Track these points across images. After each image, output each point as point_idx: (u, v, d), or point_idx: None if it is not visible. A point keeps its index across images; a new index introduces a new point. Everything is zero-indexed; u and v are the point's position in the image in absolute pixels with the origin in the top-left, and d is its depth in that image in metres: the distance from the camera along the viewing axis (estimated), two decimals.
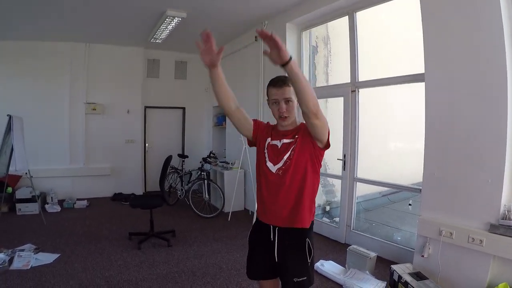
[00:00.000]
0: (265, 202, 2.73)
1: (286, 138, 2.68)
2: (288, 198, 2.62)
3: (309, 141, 2.59)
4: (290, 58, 2.14)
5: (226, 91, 2.60)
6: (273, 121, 2.86)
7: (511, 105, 3.82)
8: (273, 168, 2.67)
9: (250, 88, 8.57)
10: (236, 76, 9.42)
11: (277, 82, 2.62)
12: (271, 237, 2.69)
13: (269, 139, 2.76)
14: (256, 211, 2.92)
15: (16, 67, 9.08)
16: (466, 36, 4.16)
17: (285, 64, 2.15)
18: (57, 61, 9.42)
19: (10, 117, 7.04)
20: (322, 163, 2.71)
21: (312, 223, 2.76)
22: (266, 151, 2.74)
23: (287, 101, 2.59)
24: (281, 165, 2.63)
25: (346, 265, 5.17)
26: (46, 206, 8.51)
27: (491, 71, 3.93)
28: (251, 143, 2.91)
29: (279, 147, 2.69)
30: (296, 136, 2.63)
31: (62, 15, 7.35)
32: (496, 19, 3.83)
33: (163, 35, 8.75)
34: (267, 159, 2.71)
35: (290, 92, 2.55)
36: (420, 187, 4.88)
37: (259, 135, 2.82)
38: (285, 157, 2.62)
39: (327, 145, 2.62)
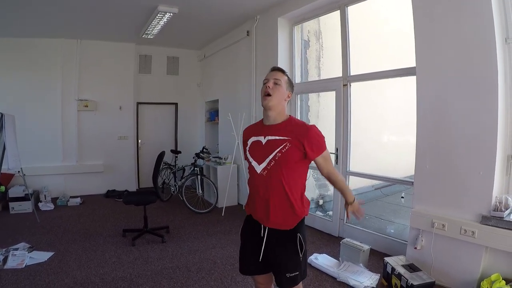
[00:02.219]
0: (254, 202, 2.75)
1: (272, 135, 2.62)
2: (275, 201, 2.60)
3: (298, 150, 2.56)
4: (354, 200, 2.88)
5: None
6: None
7: (501, 98, 3.86)
8: (257, 167, 2.64)
9: (243, 82, 8.60)
10: (229, 70, 9.48)
11: (274, 68, 2.76)
12: (261, 233, 2.70)
13: (251, 139, 2.76)
14: (246, 206, 2.92)
15: (7, 65, 9.03)
16: (457, 29, 4.18)
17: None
18: (48, 58, 9.37)
19: (1, 115, 6.99)
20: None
21: (304, 217, 2.77)
22: (248, 151, 2.75)
23: (275, 82, 2.64)
24: (265, 164, 2.60)
25: (340, 258, 5.20)
26: (40, 204, 8.48)
27: (482, 64, 3.96)
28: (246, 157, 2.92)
29: (263, 143, 2.65)
30: (287, 139, 2.56)
31: (53, 11, 7.30)
32: (486, 12, 3.85)
33: (155, 31, 8.73)
34: (250, 158, 2.72)
35: (282, 77, 2.64)
36: (413, 180, 4.90)
37: (245, 140, 2.86)
38: (270, 157, 2.58)
39: None
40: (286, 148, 2.54)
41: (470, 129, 4.11)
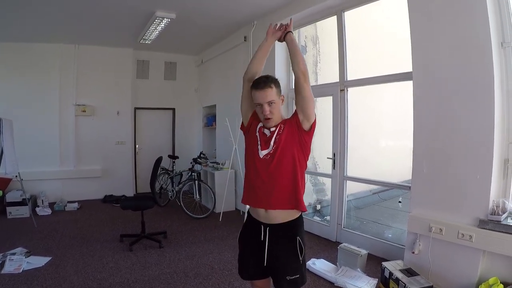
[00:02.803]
0: (253, 187, 2.76)
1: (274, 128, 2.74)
2: (276, 180, 2.66)
3: (294, 124, 2.68)
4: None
5: (263, 61, 2.96)
6: None
7: (498, 102, 3.88)
8: (261, 153, 2.71)
9: (240, 87, 8.51)
10: (226, 75, 9.49)
11: (259, 84, 2.69)
12: (262, 237, 2.70)
13: (261, 124, 2.81)
14: (243, 199, 2.91)
15: (5, 69, 9.04)
16: (453, 34, 4.21)
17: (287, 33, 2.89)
18: (46, 63, 9.38)
19: None
20: (311, 159, 2.75)
21: (303, 221, 2.80)
22: (258, 134, 2.79)
23: (270, 103, 2.64)
24: (268, 150, 2.68)
25: (338, 263, 5.20)
26: (37, 209, 8.47)
27: (478, 68, 3.98)
28: (243, 127, 2.97)
29: (267, 135, 2.73)
30: (280, 124, 2.73)
31: (51, 16, 7.32)
32: (482, 17, 3.88)
33: (153, 36, 8.74)
34: (258, 142, 2.75)
35: (272, 94, 2.64)
36: (410, 185, 4.91)
37: (255, 120, 2.87)
38: (272, 142, 2.68)
39: (313, 127, 2.70)
40: (282, 129, 2.70)
41: (467, 133, 4.12)
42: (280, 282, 2.68)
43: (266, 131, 2.76)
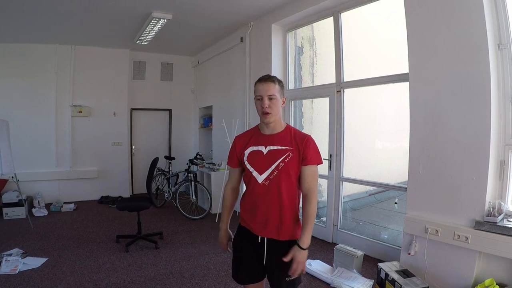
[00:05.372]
0: (253, 213, 2.69)
1: (274, 145, 2.61)
2: (275, 210, 2.59)
3: (298, 159, 2.57)
4: (308, 247, 2.53)
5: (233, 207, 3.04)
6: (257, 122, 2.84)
7: (494, 103, 3.89)
8: (259, 177, 2.61)
9: (237, 87, 8.61)
10: (223, 76, 9.48)
11: (262, 78, 2.63)
12: (259, 239, 2.66)
13: (250, 148, 2.70)
14: (240, 219, 2.87)
15: (1, 70, 9.01)
16: (450, 35, 4.21)
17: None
18: (42, 64, 9.35)
19: None
20: None
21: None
22: (247, 160, 2.67)
23: (270, 98, 2.55)
24: (267, 174, 2.58)
25: (334, 264, 5.20)
26: (33, 210, 8.44)
27: (475, 70, 3.99)
28: (235, 165, 2.88)
29: (264, 153, 2.63)
30: (289, 149, 2.58)
31: (48, 17, 7.30)
32: (479, 19, 3.89)
33: (149, 37, 8.72)
34: (251, 168, 2.66)
35: (275, 89, 2.56)
36: (406, 186, 4.92)
37: (239, 155, 2.76)
38: (273, 166, 2.57)
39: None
40: (289, 157, 2.56)
41: (463, 135, 4.13)
42: (279, 283, 2.65)
43: (260, 148, 2.65)
